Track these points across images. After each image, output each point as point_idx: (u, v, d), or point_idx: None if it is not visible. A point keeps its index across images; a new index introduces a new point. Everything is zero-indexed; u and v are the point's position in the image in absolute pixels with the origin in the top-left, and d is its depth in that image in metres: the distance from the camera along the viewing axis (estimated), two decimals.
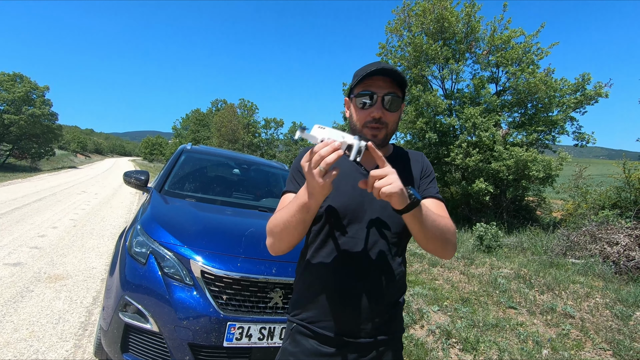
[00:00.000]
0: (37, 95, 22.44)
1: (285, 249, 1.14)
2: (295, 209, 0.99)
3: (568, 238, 6.74)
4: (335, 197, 1.11)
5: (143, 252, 2.15)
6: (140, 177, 3.21)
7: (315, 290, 1.11)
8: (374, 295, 1.06)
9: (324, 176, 0.86)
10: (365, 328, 1.06)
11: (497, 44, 10.53)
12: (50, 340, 2.65)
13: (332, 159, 0.83)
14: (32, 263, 4.31)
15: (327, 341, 1.08)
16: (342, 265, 1.07)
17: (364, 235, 1.08)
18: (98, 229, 6.74)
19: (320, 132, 0.89)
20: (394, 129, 1.12)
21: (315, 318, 1.10)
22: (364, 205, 1.09)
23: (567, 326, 3.72)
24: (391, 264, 1.09)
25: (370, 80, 1.07)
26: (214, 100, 40.91)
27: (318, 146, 0.86)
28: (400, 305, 1.16)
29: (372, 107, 1.06)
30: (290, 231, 1.03)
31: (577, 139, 10.21)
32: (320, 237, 1.13)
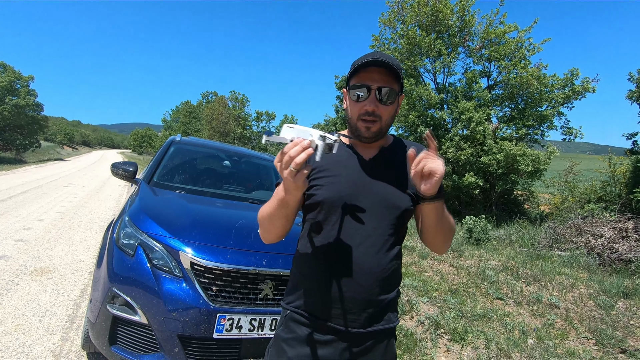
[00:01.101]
0: (22, 85, 21.86)
1: (273, 239, 1.14)
2: (276, 204, 1.02)
3: (554, 231, 6.87)
4: (330, 187, 1.10)
5: (131, 243, 2.12)
6: (129, 168, 3.15)
7: (310, 279, 1.12)
8: (369, 286, 1.06)
9: (295, 176, 0.86)
10: (358, 318, 1.07)
11: (491, 38, 10.57)
12: (37, 334, 2.61)
13: (301, 158, 0.84)
14: (17, 256, 4.22)
15: (320, 329, 1.08)
16: (336, 255, 1.07)
17: (358, 226, 1.08)
18: (86, 221, 6.64)
19: (289, 132, 0.90)
20: (390, 122, 1.11)
21: (309, 306, 1.10)
22: (359, 196, 1.09)
23: (552, 316, 3.80)
24: (386, 255, 1.09)
25: (366, 72, 1.05)
26: (204, 92, 40.40)
27: (287, 147, 0.86)
28: (395, 297, 1.16)
29: (366, 100, 1.05)
30: (275, 223, 1.05)
31: (565, 133, 10.37)
32: (315, 227, 1.13)
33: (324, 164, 1.12)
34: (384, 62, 1.02)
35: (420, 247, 6.59)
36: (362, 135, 1.10)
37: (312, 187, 1.12)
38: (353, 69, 1.06)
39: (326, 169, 1.12)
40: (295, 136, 0.88)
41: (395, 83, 1.07)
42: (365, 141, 1.12)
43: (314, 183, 1.12)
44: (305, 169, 0.87)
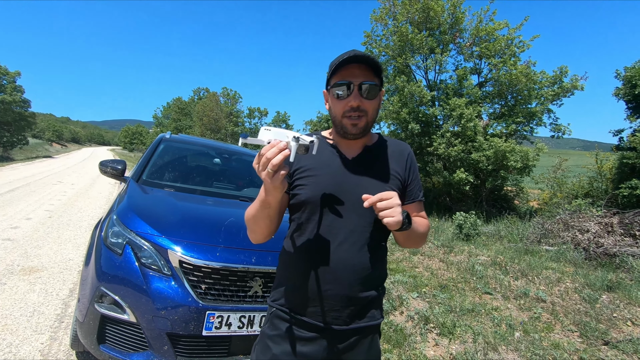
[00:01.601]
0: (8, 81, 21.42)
1: (260, 239, 1.16)
2: (258, 205, 1.03)
3: (543, 226, 6.99)
4: (312, 186, 1.12)
5: (119, 242, 2.11)
6: (117, 166, 3.13)
7: (294, 277, 1.13)
8: (351, 283, 1.08)
9: (272, 177, 0.88)
10: (341, 315, 1.09)
11: (482, 35, 10.65)
12: (25, 333, 2.59)
13: (278, 160, 0.86)
14: (4, 255, 4.17)
15: (304, 326, 1.10)
16: (319, 253, 1.09)
17: (341, 224, 1.09)
18: (75, 219, 6.56)
19: (266, 134, 0.91)
20: (374, 117, 1.12)
21: (293, 304, 1.12)
22: (342, 194, 1.10)
23: (539, 310, 3.89)
24: (369, 253, 1.10)
25: (346, 69, 1.06)
26: (196, 89, 39.97)
27: (265, 148, 0.88)
28: (380, 294, 1.17)
29: (350, 96, 1.06)
30: (259, 224, 1.07)
31: (553, 130, 10.52)
32: (299, 226, 1.14)
33: (308, 164, 1.14)
34: (363, 57, 1.04)
35: None
36: (349, 132, 1.11)
37: (295, 186, 1.14)
38: (333, 68, 1.07)
39: (309, 169, 1.13)
40: (272, 138, 0.89)
41: (376, 78, 1.09)
42: (352, 138, 1.13)
43: (297, 183, 1.14)
44: (282, 170, 0.88)
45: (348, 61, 1.05)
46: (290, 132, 0.89)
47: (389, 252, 5.99)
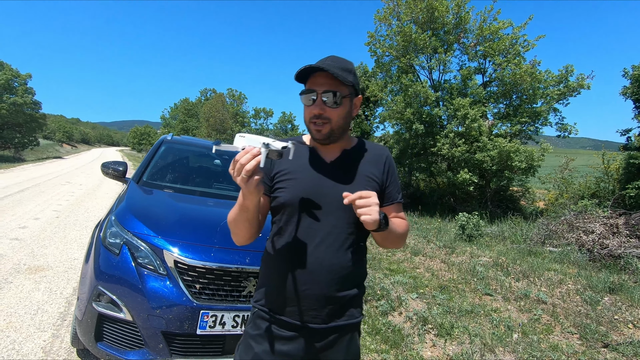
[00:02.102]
0: (19, 84, 21.84)
1: (243, 241, 1.19)
2: (238, 208, 1.07)
3: (547, 227, 6.93)
4: (292, 189, 1.15)
5: (117, 242, 2.17)
6: (118, 167, 3.20)
7: (273, 278, 1.16)
8: (329, 283, 1.11)
9: (247, 182, 0.92)
10: (320, 314, 1.11)
11: (486, 35, 10.58)
12: (28, 331, 2.67)
13: (251, 165, 0.89)
14: (11, 254, 4.27)
15: (284, 326, 1.13)
16: (297, 254, 1.12)
17: (319, 226, 1.12)
18: (82, 220, 6.69)
19: (241, 140, 0.94)
20: (342, 124, 1.14)
21: (273, 304, 1.15)
22: (320, 197, 1.14)
23: (539, 311, 3.86)
24: (346, 254, 1.13)
25: (313, 77, 1.11)
26: (202, 90, 40.37)
27: (239, 155, 0.91)
28: (359, 293, 1.20)
29: (314, 104, 1.10)
30: (239, 227, 1.11)
31: (559, 130, 10.40)
32: (278, 228, 1.18)
33: (288, 168, 1.17)
34: (323, 69, 1.05)
35: (412, 244, 6.65)
36: (315, 137, 1.15)
37: (276, 189, 1.18)
38: (300, 76, 1.12)
39: (289, 172, 1.17)
40: (247, 145, 0.92)
41: (343, 86, 1.10)
42: (319, 142, 1.17)
43: (278, 186, 1.17)
44: (256, 175, 0.92)
45: (313, 70, 1.09)
46: (263, 139, 0.92)
47: (390, 253, 6.00)
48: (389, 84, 12.51)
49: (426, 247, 6.50)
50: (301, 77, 1.12)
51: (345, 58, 1.15)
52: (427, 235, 7.44)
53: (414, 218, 10.03)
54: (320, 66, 1.06)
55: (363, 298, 1.26)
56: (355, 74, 1.15)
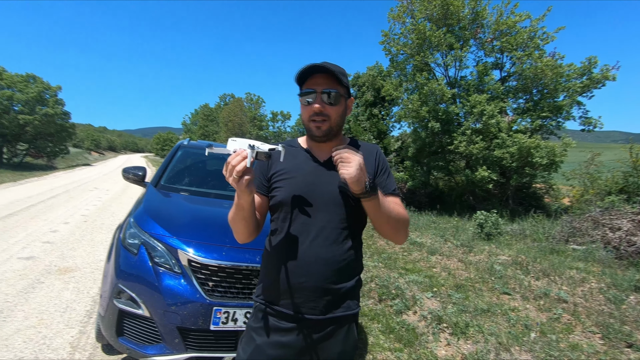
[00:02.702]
0: (50, 95, 22.95)
1: (243, 239, 1.26)
2: (234, 208, 1.15)
3: (571, 224, 6.70)
4: (287, 188, 1.22)
5: (135, 243, 2.30)
6: (138, 172, 3.36)
7: (272, 273, 1.23)
8: (324, 276, 1.16)
9: (238, 182, 0.99)
10: (317, 306, 1.17)
11: (502, 29, 10.33)
12: (57, 327, 2.85)
13: (240, 167, 0.97)
14: (43, 257, 4.55)
15: (283, 317, 1.20)
16: (293, 250, 1.18)
17: (313, 221, 1.18)
18: (108, 223, 7.00)
19: (231, 144, 1.03)
20: (339, 122, 1.23)
21: (273, 297, 1.22)
22: (314, 194, 1.20)
23: (559, 310, 3.77)
24: (341, 248, 1.19)
25: (312, 79, 1.18)
26: (222, 95, 41.13)
27: (230, 157, 0.99)
28: (355, 285, 1.25)
29: (314, 102, 1.17)
30: (237, 225, 1.19)
31: (583, 124, 10.01)
32: (276, 226, 1.26)
33: (284, 168, 1.25)
34: (325, 68, 1.15)
35: (429, 243, 6.58)
36: (315, 135, 1.22)
37: (273, 189, 1.25)
38: (299, 78, 1.19)
39: (285, 172, 1.24)
40: (238, 148, 1.00)
41: (339, 86, 1.19)
42: (318, 140, 1.24)
43: (274, 186, 1.25)
44: (246, 175, 0.99)
45: (313, 71, 1.16)
46: (253, 142, 0.99)
47: (407, 252, 5.97)
48: (404, 83, 12.40)
49: (443, 246, 6.42)
50: (299, 80, 1.20)
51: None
52: (444, 234, 7.34)
53: (432, 217, 9.91)
54: (322, 65, 1.14)
55: (360, 291, 1.30)
56: (347, 78, 1.22)
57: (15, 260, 4.29)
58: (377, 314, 3.62)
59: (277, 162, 1.25)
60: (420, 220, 9.28)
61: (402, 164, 14.45)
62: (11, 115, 20.00)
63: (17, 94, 20.44)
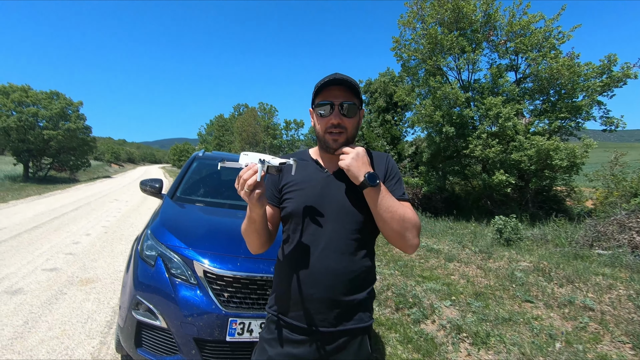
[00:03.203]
0: (73, 111, 23.82)
1: (256, 250, 1.27)
2: (247, 220, 1.16)
3: (595, 228, 6.46)
4: (297, 199, 1.22)
5: (152, 255, 2.34)
6: (155, 184, 3.43)
7: (283, 284, 1.23)
8: (335, 287, 1.16)
9: (249, 196, 1.00)
10: (327, 318, 1.16)
11: (516, 30, 10.19)
12: (79, 338, 2.92)
13: (252, 180, 0.99)
14: (66, 268, 4.68)
15: (295, 330, 1.19)
16: (303, 261, 1.18)
17: (323, 232, 1.18)
18: (127, 234, 7.16)
19: (244, 158, 1.04)
20: (354, 133, 1.23)
21: (284, 309, 1.22)
22: (323, 204, 1.20)
23: (586, 319, 3.62)
24: (351, 258, 1.18)
25: (328, 90, 1.18)
26: (236, 105, 41.86)
27: (242, 171, 1.01)
28: (367, 297, 1.23)
29: (331, 114, 1.17)
30: (250, 237, 1.20)
31: (605, 123, 9.69)
32: (286, 236, 1.26)
33: (294, 180, 1.25)
34: (343, 80, 1.16)
35: (447, 250, 6.46)
36: (331, 147, 1.21)
37: (284, 200, 1.26)
38: (316, 89, 1.20)
39: (296, 183, 1.25)
40: (249, 162, 1.01)
41: (355, 98, 1.19)
42: (333, 152, 1.23)
43: (285, 197, 1.25)
44: (257, 189, 1.00)
45: (330, 83, 1.17)
46: (264, 156, 1.00)
47: (423, 260, 5.87)
48: (417, 88, 12.33)
49: (461, 253, 6.29)
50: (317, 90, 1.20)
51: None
52: (462, 241, 7.19)
53: (449, 223, 9.73)
54: (342, 78, 1.15)
55: (372, 302, 1.29)
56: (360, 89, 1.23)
57: (40, 272, 4.43)
58: (394, 324, 3.55)
59: (288, 174, 1.25)
60: (437, 226, 9.12)
61: (416, 169, 14.30)
62: (36, 131, 20.84)
63: (42, 110, 21.30)
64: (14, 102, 20.19)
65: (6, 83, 20.96)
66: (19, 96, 20.41)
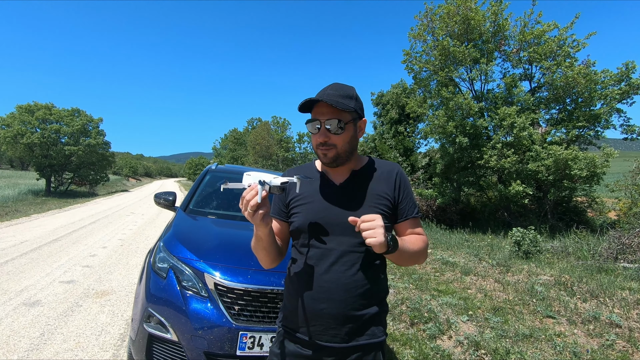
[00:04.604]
0: (93, 127, 24.67)
1: (267, 265, 1.26)
2: (254, 238, 1.16)
3: (619, 240, 6.20)
4: (305, 213, 1.21)
5: (164, 267, 2.35)
6: (169, 197, 3.48)
7: (293, 298, 1.21)
8: (345, 302, 1.13)
9: (253, 216, 1.01)
10: (339, 333, 1.13)
11: (529, 40, 10.11)
12: (93, 350, 2.93)
13: (254, 202, 0.99)
14: (82, 280, 4.75)
15: (305, 345, 1.17)
16: (313, 275, 1.16)
17: (332, 246, 1.16)
18: (142, 247, 7.26)
19: (247, 178, 1.04)
20: (347, 148, 1.19)
21: (295, 324, 1.19)
22: (331, 218, 1.18)
23: (612, 336, 3.44)
24: (361, 272, 1.15)
25: (317, 107, 1.17)
26: (249, 119, 42.54)
27: (245, 192, 1.01)
28: (379, 311, 1.20)
29: (319, 132, 1.16)
30: (259, 253, 1.20)
31: (625, 132, 9.41)
32: (295, 251, 1.25)
33: (301, 194, 1.24)
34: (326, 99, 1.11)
35: (463, 263, 6.29)
36: (322, 161, 1.22)
37: (292, 215, 1.25)
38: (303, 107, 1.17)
39: (303, 197, 1.24)
40: (252, 182, 1.01)
41: (345, 113, 1.14)
42: (328, 166, 1.22)
43: (292, 212, 1.24)
44: (260, 209, 1.01)
45: (314, 102, 1.15)
46: (265, 176, 1.00)
47: (439, 273, 5.74)
48: (429, 99, 12.30)
49: (478, 266, 6.12)
50: (306, 107, 1.19)
51: (347, 84, 1.21)
52: (478, 253, 7.00)
53: (465, 235, 9.51)
54: (319, 98, 1.12)
55: (386, 317, 1.25)
56: (357, 99, 1.19)
57: (57, 284, 4.52)
58: (409, 339, 3.45)
59: (294, 190, 1.25)
60: (452, 239, 8.93)
61: (430, 181, 14.13)
62: (58, 147, 21.62)
63: (64, 127, 22.13)
64: (38, 120, 21.06)
65: (32, 102, 21.91)
66: (43, 114, 21.29)
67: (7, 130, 20.00)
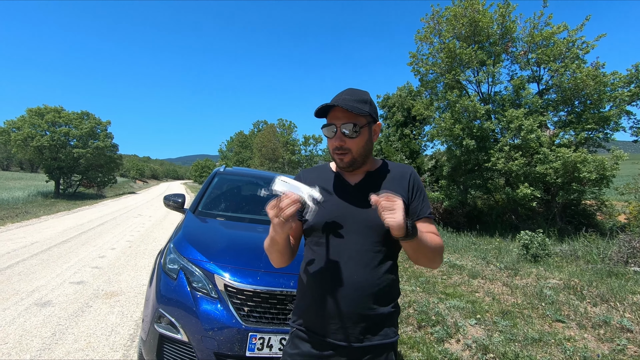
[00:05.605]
0: (101, 130, 24.99)
1: (279, 265, 1.28)
2: (269, 240, 1.17)
3: (630, 244, 6.12)
4: (320, 213, 1.22)
5: (175, 268, 2.38)
6: (178, 199, 3.52)
7: (307, 298, 1.23)
8: (359, 301, 1.14)
9: (283, 225, 1.03)
10: (352, 333, 1.14)
11: (538, 41, 10.05)
12: (103, 351, 2.97)
13: (290, 211, 1.00)
14: (92, 281, 4.81)
15: (319, 345, 1.18)
16: (327, 275, 1.17)
17: (346, 245, 1.18)
18: (150, 248, 7.32)
19: (282, 185, 1.05)
20: (362, 152, 1.21)
21: (308, 323, 1.21)
22: (346, 218, 1.20)
23: (623, 341, 3.39)
24: (375, 272, 1.16)
25: (332, 112, 1.19)
26: (255, 122, 42.74)
27: (282, 199, 1.01)
28: (392, 312, 1.21)
29: (334, 137, 1.18)
30: (273, 255, 1.22)
31: (635, 134, 9.29)
32: (310, 250, 1.26)
33: None
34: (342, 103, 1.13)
35: (470, 266, 6.25)
36: (339, 166, 1.24)
37: (306, 213, 1.26)
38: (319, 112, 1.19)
39: None
40: (288, 190, 1.02)
41: (360, 117, 1.17)
42: (344, 170, 1.25)
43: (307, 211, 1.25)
44: (293, 222, 1.03)
45: (329, 107, 1.17)
46: (305, 188, 1.02)
47: (446, 276, 5.71)
48: (435, 101, 12.27)
49: (485, 269, 6.07)
50: (321, 112, 1.21)
51: (361, 89, 1.23)
52: (486, 256, 6.95)
53: (472, 238, 9.45)
54: (335, 103, 1.15)
55: (398, 317, 1.26)
56: (371, 103, 1.22)
57: (68, 285, 4.58)
58: (417, 342, 3.44)
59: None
60: (459, 242, 8.88)
61: (436, 184, 14.06)
62: (67, 149, 21.92)
63: (73, 130, 22.43)
64: (47, 123, 21.39)
65: (42, 105, 22.26)
66: (52, 117, 21.61)
67: (18, 133, 20.33)
